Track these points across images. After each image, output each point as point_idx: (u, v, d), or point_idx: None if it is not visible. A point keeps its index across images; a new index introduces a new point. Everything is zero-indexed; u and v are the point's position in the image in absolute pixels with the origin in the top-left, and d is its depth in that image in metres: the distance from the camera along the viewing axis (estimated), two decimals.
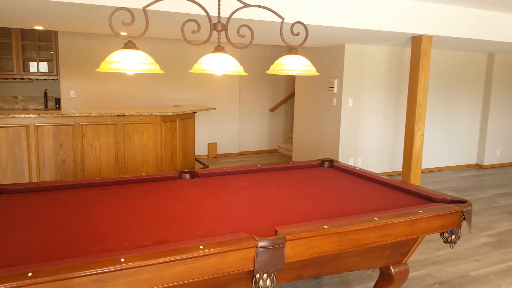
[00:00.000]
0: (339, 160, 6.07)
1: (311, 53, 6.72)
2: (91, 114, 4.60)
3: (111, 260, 1.47)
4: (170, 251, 1.54)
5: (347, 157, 6.13)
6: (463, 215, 2.22)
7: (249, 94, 8.03)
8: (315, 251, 1.82)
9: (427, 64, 4.89)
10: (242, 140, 8.09)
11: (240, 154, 8.07)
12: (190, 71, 2.20)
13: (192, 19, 2.15)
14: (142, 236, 1.82)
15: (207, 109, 5.70)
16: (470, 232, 3.30)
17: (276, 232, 1.77)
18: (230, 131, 7.83)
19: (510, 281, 3.06)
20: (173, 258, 1.52)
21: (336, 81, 6.03)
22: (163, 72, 2.08)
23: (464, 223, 2.28)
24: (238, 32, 2.29)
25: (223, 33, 4.62)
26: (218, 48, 2.19)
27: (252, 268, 1.67)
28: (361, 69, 6.03)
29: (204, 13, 3.15)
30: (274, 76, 8.22)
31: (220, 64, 2.10)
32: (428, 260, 3.40)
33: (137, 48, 2.01)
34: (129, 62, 1.94)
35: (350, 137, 6.12)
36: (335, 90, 6.05)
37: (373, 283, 2.86)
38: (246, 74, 2.23)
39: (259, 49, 7.94)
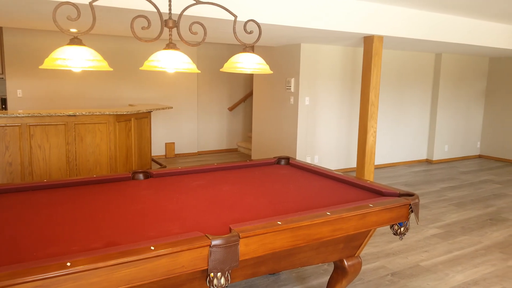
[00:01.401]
0: (296, 158, 6.16)
1: (268, 52, 6.77)
2: (40, 114, 4.38)
3: (56, 265, 1.40)
4: (119, 253, 1.50)
5: (304, 155, 6.24)
6: (411, 207, 2.32)
7: (207, 93, 7.97)
8: (269, 248, 1.84)
9: (379, 63, 5.07)
10: (201, 140, 8.02)
11: (199, 153, 7.99)
12: (140, 68, 2.15)
13: (141, 15, 2.09)
14: (92, 239, 1.76)
15: (163, 108, 5.59)
16: (417, 224, 3.46)
17: (230, 230, 1.77)
18: (188, 131, 7.73)
19: (457, 269, 3.23)
20: (123, 261, 1.48)
21: (293, 80, 6.12)
22: (111, 69, 2.02)
23: (412, 215, 2.38)
24: (190, 29, 2.26)
25: (175, 30, 4.55)
26: (170, 45, 2.15)
27: (206, 267, 1.66)
28: (317, 68, 6.15)
29: (154, 10, 3.10)
30: (233, 74, 8.22)
31: (171, 61, 2.06)
32: (381, 252, 3.53)
33: (83, 45, 1.93)
34: (75, 58, 1.86)
35: (307, 135, 6.23)
36: (292, 89, 6.14)
37: (328, 277, 2.93)
38: (199, 71, 2.21)
39: (217, 47, 7.90)
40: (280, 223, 1.87)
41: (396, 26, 4.91)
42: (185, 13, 3.53)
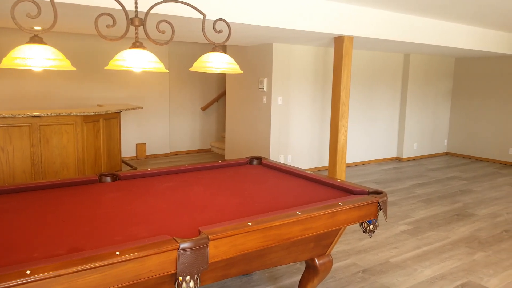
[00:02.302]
0: (270, 157, 6.17)
1: (240, 52, 6.75)
2: (2, 115, 4.20)
3: (15, 273, 1.34)
4: (83, 260, 1.45)
5: (278, 154, 6.26)
6: (379, 205, 2.35)
7: (179, 92, 7.88)
8: (240, 249, 1.82)
9: (349, 63, 5.14)
10: (173, 140, 7.91)
11: (172, 154, 7.88)
12: (105, 67, 2.09)
13: (106, 13, 2.03)
14: (55, 245, 1.69)
15: (133, 108, 5.48)
16: (386, 221, 3.52)
17: (199, 232, 1.74)
18: (160, 131, 7.61)
19: (425, 264, 3.32)
20: (86, 267, 1.42)
21: (265, 80, 6.12)
22: (74, 68, 1.95)
23: (381, 213, 2.42)
24: (157, 27, 2.22)
25: (141, 28, 4.46)
26: (136, 44, 2.10)
27: (174, 271, 1.62)
28: (289, 68, 6.18)
29: (120, 7, 3.02)
30: (205, 74, 8.15)
31: (138, 61, 2.01)
32: (352, 250, 3.58)
33: (44, 43, 1.86)
34: (35, 57, 1.79)
35: (281, 134, 6.25)
36: (265, 89, 6.15)
37: (301, 276, 2.94)
38: (167, 71, 2.16)
39: (189, 46, 7.81)
40: (250, 224, 1.86)
41: (365, 27, 4.99)
42: (152, 11, 3.46)
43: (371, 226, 2.40)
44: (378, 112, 7.49)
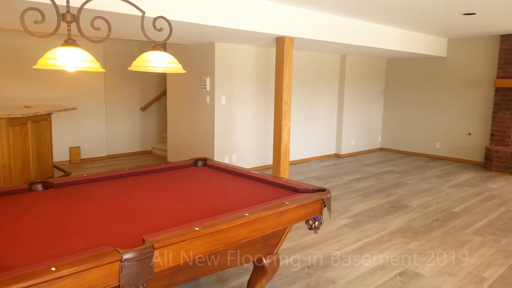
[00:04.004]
0: (214, 158, 6.11)
1: (181, 50, 6.61)
2: None
3: None
4: (12, 279, 1.31)
5: (222, 154, 6.21)
6: (324, 202, 2.41)
7: (116, 92, 7.53)
8: (187, 255, 1.76)
9: (290, 63, 5.23)
10: (111, 142, 7.54)
11: (109, 157, 7.52)
12: (34, 66, 1.92)
13: (33, 8, 1.86)
14: None
15: (65, 110, 5.13)
16: (330, 217, 3.64)
17: (143, 241, 1.66)
18: (95, 133, 7.22)
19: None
20: (17, 287, 1.29)
21: (208, 79, 6.04)
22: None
23: (325, 209, 2.48)
24: (92, 24, 2.08)
25: (74, 25, 4.19)
26: (69, 42, 1.95)
27: (118, 284, 1.53)
28: (232, 67, 6.16)
29: (49, 1, 2.80)
30: (144, 73, 7.87)
31: (71, 59, 1.86)
32: (297, 246, 3.64)
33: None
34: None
35: (225, 134, 6.21)
36: (208, 88, 6.07)
37: (248, 276, 2.93)
38: (104, 70, 2.04)
39: (126, 43, 7.49)
40: (198, 228, 1.80)
41: (305, 28, 5.11)
42: (87, 6, 3.26)
43: (316, 223, 2.45)
44: (318, 111, 7.72)
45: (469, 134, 7.69)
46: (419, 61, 8.33)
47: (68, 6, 1.97)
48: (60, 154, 6.80)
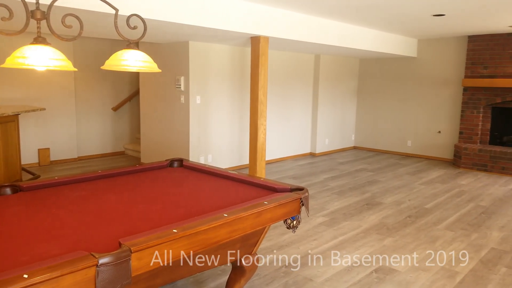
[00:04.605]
0: (190, 158, 6.04)
1: (154, 49, 6.50)
2: None
3: None
4: None
5: (198, 155, 6.16)
6: (302, 201, 2.42)
7: (87, 92, 7.32)
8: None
9: (266, 63, 5.24)
10: (81, 143, 7.33)
11: (80, 159, 7.31)
12: (2, 65, 1.83)
13: (1, 4, 1.78)
14: None
15: (34, 110, 4.94)
16: (308, 216, 3.67)
17: (120, 245, 1.61)
18: (65, 134, 7.00)
19: (342, 253, 3.51)
20: None
21: (182, 79, 5.97)
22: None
23: (303, 208, 2.50)
24: (63, 22, 2.01)
25: (44, 22, 4.05)
26: (39, 40, 1.87)
27: None
28: (207, 67, 6.10)
29: None
30: (116, 72, 7.70)
31: (41, 58, 1.79)
32: (275, 245, 3.65)
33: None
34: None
35: (200, 134, 6.15)
36: (182, 88, 5.99)
37: (226, 277, 2.92)
38: (76, 69, 1.97)
39: (97, 42, 7.30)
40: (176, 231, 1.77)
41: (279, 28, 5.12)
42: (57, 3, 3.15)
43: (295, 222, 2.46)
44: (293, 110, 7.77)
45: (439, 132, 7.93)
46: (390, 61, 8.52)
47: (37, 3, 1.90)
48: (28, 156, 6.56)
